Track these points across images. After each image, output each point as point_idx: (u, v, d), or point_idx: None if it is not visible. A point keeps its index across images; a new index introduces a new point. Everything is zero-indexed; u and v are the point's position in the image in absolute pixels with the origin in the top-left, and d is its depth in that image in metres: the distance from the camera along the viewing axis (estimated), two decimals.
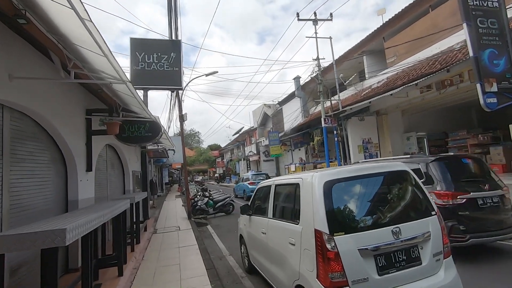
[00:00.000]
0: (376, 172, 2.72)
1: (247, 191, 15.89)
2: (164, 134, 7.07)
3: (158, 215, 11.89)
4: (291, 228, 2.86)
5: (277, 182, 3.59)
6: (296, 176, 3.08)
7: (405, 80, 10.59)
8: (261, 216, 3.91)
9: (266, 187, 4.03)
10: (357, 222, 2.47)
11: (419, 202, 2.73)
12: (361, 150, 13.74)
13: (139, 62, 7.52)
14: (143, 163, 10.48)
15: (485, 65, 6.99)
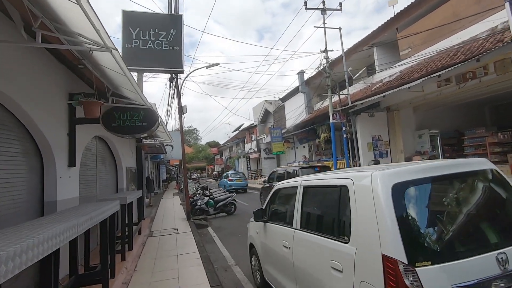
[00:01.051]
0: (462, 171, 1.93)
1: (226, 186, 19.64)
2: (161, 126, 6.25)
3: (155, 215, 11.09)
4: (335, 247, 2.07)
5: (307, 183, 2.78)
6: (339, 175, 2.29)
7: (422, 72, 9.82)
8: (283, 225, 3.12)
9: (289, 189, 3.24)
10: (447, 246, 1.68)
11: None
12: (370, 148, 12.98)
13: (133, 39, 6.59)
14: (138, 159, 9.65)
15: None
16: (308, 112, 19.74)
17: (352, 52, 14.77)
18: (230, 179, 20.39)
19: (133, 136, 4.87)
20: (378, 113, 13.28)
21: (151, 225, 8.92)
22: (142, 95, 4.37)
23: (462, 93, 10.85)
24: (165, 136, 9.33)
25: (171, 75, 9.93)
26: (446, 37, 10.31)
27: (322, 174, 2.69)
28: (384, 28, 12.99)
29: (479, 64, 8.64)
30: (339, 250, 2.02)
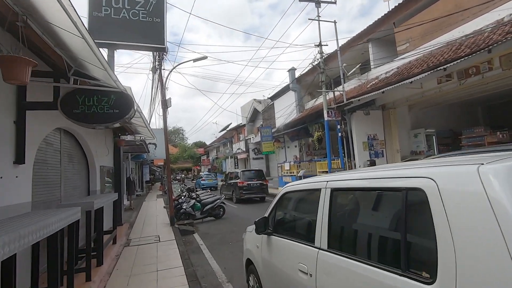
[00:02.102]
0: None
1: (200, 185, 23.48)
2: (140, 118, 5.33)
3: (135, 220, 10.04)
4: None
5: (338, 183, 1.98)
6: (402, 171, 1.51)
7: (423, 67, 9.31)
8: (297, 241, 2.31)
9: (306, 192, 2.45)
10: None
11: None
12: (366, 147, 12.43)
13: (103, 6, 5.51)
14: (116, 157, 8.62)
15: None
16: (299, 111, 19.11)
17: (346, 48, 14.23)
18: (203, 179, 26.10)
19: (102, 126, 3.94)
20: (373, 111, 12.76)
21: (130, 232, 7.92)
22: (113, 74, 3.48)
23: (461, 91, 10.45)
24: (146, 132, 8.36)
25: (153, 65, 8.97)
26: (446, 31, 9.87)
27: (364, 171, 1.89)
28: (380, 22, 12.50)
29: (483, 58, 8.21)
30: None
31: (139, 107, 4.98)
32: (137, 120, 6.35)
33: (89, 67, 3.54)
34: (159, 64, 8.88)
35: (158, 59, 8.89)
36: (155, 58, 8.82)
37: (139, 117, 5.87)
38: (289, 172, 16.98)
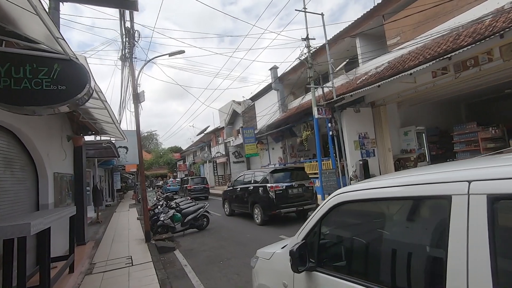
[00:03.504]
0: None
1: (166, 190, 25.79)
2: (101, 103, 4.06)
3: (102, 236, 8.52)
4: None
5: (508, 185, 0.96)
6: None
7: (420, 59, 8.79)
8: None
9: (402, 203, 1.44)
10: None
11: None
12: (357, 146, 11.77)
13: None
14: (77, 162, 7.14)
15: None
16: (282, 111, 18.28)
17: (332, 44, 13.58)
18: (168, 185, 29.49)
19: (42, 111, 2.65)
20: (363, 108, 12.19)
21: (94, 253, 6.47)
22: (57, 31, 2.27)
23: (452, 86, 10.11)
24: (115, 131, 6.99)
25: (122, 53, 7.62)
26: (440, 23, 9.44)
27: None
28: (369, 16, 11.98)
29: (483, 49, 7.81)
30: None
31: (94, 80, 3.72)
32: (101, 113, 5.04)
33: (19, 21, 2.30)
34: (130, 52, 7.56)
35: (128, 46, 7.57)
36: (125, 45, 7.49)
37: (103, 108, 4.59)
38: None
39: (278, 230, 7.61)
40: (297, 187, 8.75)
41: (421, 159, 11.60)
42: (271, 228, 8.00)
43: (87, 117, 5.84)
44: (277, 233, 7.24)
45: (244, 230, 8.19)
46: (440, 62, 7.73)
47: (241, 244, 6.63)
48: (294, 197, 8.63)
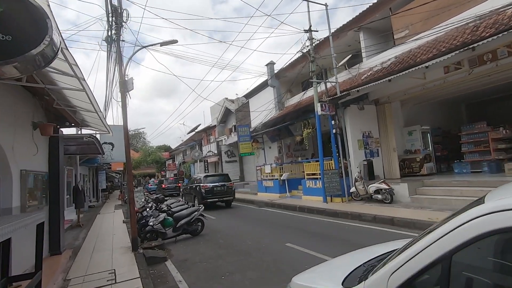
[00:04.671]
0: None
1: (148, 189, 29.83)
2: (74, 74, 3.17)
3: (82, 243, 7.53)
4: None
5: None
6: None
7: (435, 52, 8.20)
8: None
9: None
10: None
11: None
12: (361, 145, 11.14)
13: None
14: (53, 158, 6.16)
15: None
16: (279, 109, 17.54)
17: (333, 39, 12.91)
18: (150, 184, 33.95)
19: None
20: (367, 106, 11.58)
21: (71, 265, 5.52)
22: None
23: (464, 83, 9.58)
24: (97, 122, 6.04)
25: (108, 34, 6.67)
26: (453, 15, 8.88)
27: None
28: (375, 8, 11.35)
29: (506, 41, 7.25)
30: None
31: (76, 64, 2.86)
32: (80, 97, 4.13)
33: None
34: (117, 33, 6.62)
35: (115, 26, 6.63)
36: (111, 24, 6.55)
37: (81, 89, 3.68)
38: (270, 175, 15.25)
39: (283, 236, 6.83)
40: (221, 186, 13.42)
41: (428, 160, 11.06)
42: (273, 233, 7.21)
43: (63, 103, 4.90)
44: (282, 240, 6.45)
45: (244, 235, 7.37)
46: (460, 55, 7.16)
47: (243, 253, 5.81)
48: (218, 192, 13.28)
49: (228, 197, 13.49)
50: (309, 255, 5.27)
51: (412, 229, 6.37)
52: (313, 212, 9.74)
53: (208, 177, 13.84)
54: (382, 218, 7.31)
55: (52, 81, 3.76)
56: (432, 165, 11.22)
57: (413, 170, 11.16)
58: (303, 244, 5.98)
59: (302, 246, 5.80)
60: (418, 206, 8.13)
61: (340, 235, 6.58)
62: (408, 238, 1.73)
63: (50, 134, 4.68)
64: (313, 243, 6.00)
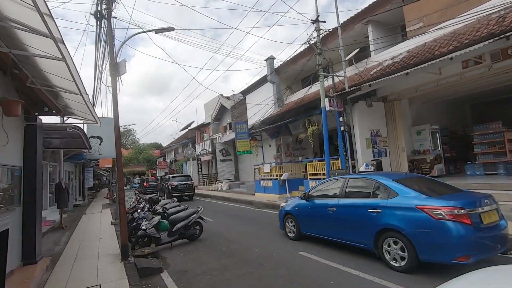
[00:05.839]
0: None
1: (132, 186, 31.42)
2: (48, 33, 2.34)
3: (64, 249, 6.60)
4: None
5: None
6: None
7: (456, 45, 7.61)
8: None
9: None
10: None
11: None
12: (369, 144, 10.50)
13: None
14: (28, 151, 5.24)
15: None
16: (278, 106, 16.79)
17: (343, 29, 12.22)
18: (135, 182, 35.06)
19: None
20: (375, 103, 10.95)
21: (48, 278, 4.62)
22: None
23: (481, 79, 9.03)
24: (82, 108, 5.15)
25: (97, 9, 5.77)
26: (473, 6, 8.31)
27: None
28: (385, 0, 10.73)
29: None
30: None
31: (51, 16, 2.04)
32: (59, 72, 3.29)
33: None
34: (108, 8, 5.74)
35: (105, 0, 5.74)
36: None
37: (60, 58, 2.83)
38: (269, 175, 14.50)
39: (293, 243, 6.07)
40: (183, 184, 17.82)
41: (438, 161, 10.51)
42: (281, 239, 6.45)
43: (39, 82, 4.01)
44: (293, 248, 5.70)
45: (248, 241, 6.59)
46: (486, 47, 6.53)
47: (252, 263, 5.02)
48: (181, 189, 17.60)
49: (189, 192, 17.88)
50: (331, 267, 4.53)
51: None
52: None
53: (175, 177, 18.83)
54: None
55: (19, 45, 2.90)
56: (443, 166, 10.69)
57: (423, 171, 10.59)
58: (319, 253, 5.24)
59: (319, 256, 5.07)
60: None
61: None
62: None
63: (17, 114, 3.76)
64: (330, 252, 5.27)
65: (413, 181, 4.81)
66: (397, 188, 4.43)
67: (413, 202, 4.09)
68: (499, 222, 4.04)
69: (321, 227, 5.63)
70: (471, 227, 3.68)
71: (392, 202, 4.33)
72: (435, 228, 3.79)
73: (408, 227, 4.00)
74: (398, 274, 4.05)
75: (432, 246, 3.82)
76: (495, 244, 3.89)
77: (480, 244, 3.76)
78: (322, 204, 5.59)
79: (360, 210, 4.73)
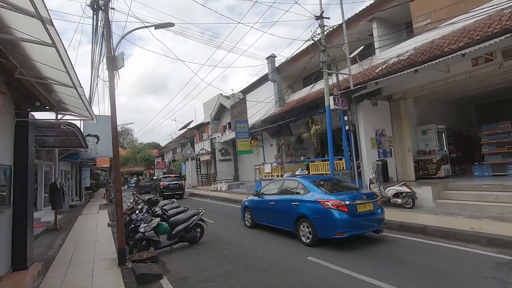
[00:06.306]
0: None
1: (131, 186, 30.44)
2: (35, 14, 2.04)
3: (57, 252, 6.26)
4: None
5: None
6: None
7: (467, 41, 7.35)
8: None
9: None
10: None
11: None
12: (374, 144, 10.24)
13: None
14: (20, 148, 4.92)
15: None
16: (279, 105, 16.50)
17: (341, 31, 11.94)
18: (131, 183, 35.54)
19: None
20: (380, 102, 10.68)
21: (39, 284, 4.30)
22: None
23: (490, 78, 8.78)
24: (77, 103, 4.83)
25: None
26: (484, 2, 8.06)
27: None
28: None
29: None
30: None
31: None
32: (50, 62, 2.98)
33: None
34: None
35: None
36: None
37: (50, 44, 2.52)
38: (270, 175, 14.21)
39: (300, 247, 5.78)
40: (174, 184, 19.16)
41: (445, 162, 10.26)
42: (286, 242, 6.16)
43: (29, 73, 3.68)
44: (300, 252, 5.41)
45: (251, 245, 6.28)
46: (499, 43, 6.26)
47: (257, 270, 4.72)
48: (172, 188, 18.92)
49: (179, 191, 19.32)
50: (343, 274, 4.24)
51: (452, 240, 5.46)
52: None
53: (166, 178, 20.29)
54: (411, 226, 6.37)
55: (4, 28, 2.59)
56: (449, 167, 10.43)
57: (429, 172, 10.34)
58: (328, 258, 4.95)
59: (329, 261, 4.77)
60: (446, 212, 7.24)
61: (367, 246, 5.58)
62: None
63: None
64: (339, 257, 4.99)
65: (323, 182, 6.61)
66: (310, 187, 6.22)
67: (316, 197, 5.87)
68: (375, 210, 5.75)
69: (266, 217, 7.36)
70: (347, 213, 5.40)
71: (305, 197, 6.11)
72: (325, 214, 5.53)
73: (311, 214, 5.76)
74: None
75: (323, 226, 5.55)
76: (369, 224, 5.66)
77: (354, 225, 5.43)
78: (267, 199, 7.31)
79: (287, 203, 6.46)
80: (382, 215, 5.86)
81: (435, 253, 4.90)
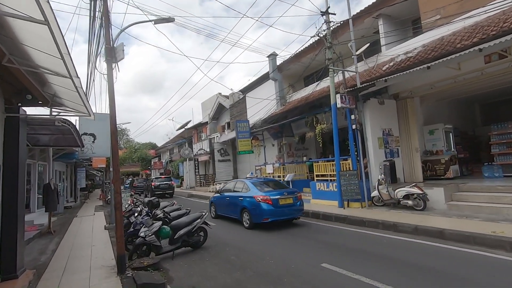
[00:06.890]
0: None
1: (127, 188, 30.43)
2: None
3: (51, 259, 5.84)
4: None
5: None
6: None
7: (480, 37, 7.08)
8: None
9: None
10: None
11: None
12: (381, 144, 9.94)
13: None
14: (9, 146, 4.51)
15: None
16: (281, 104, 16.17)
17: (346, 28, 11.61)
18: (126, 183, 33.89)
19: None
20: (387, 101, 10.40)
21: None
22: None
23: (502, 76, 8.55)
24: (73, 96, 4.44)
25: None
26: None
27: None
28: None
29: None
30: None
31: None
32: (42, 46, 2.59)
33: None
34: None
35: None
36: None
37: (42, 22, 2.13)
38: (271, 176, 13.85)
39: (311, 253, 5.44)
40: (164, 184, 21.16)
41: (453, 162, 9.99)
42: (295, 247, 5.81)
43: (19, 60, 3.29)
44: (314, 258, 5.05)
45: (259, 250, 5.92)
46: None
47: (269, 278, 4.36)
48: (163, 189, 20.77)
49: (169, 191, 21.25)
50: (363, 284, 3.89)
51: (472, 245, 5.15)
52: (330, 219, 8.41)
53: (157, 178, 22.49)
54: (426, 229, 6.05)
55: None
56: (457, 167, 10.17)
57: (437, 173, 10.07)
58: (344, 265, 4.60)
59: (345, 269, 4.42)
60: (461, 215, 6.94)
61: (384, 251, 5.24)
62: None
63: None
64: (355, 263, 4.65)
65: (261, 183, 8.69)
66: (251, 186, 8.36)
67: (252, 193, 7.98)
68: (294, 203, 7.87)
69: (224, 210, 9.50)
70: (272, 205, 7.50)
71: (247, 194, 8.22)
72: (256, 206, 7.64)
73: (249, 206, 7.86)
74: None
75: (256, 214, 7.62)
76: (288, 213, 7.77)
77: (276, 213, 7.49)
78: (224, 196, 9.47)
79: (236, 199, 8.56)
80: (300, 207, 8.03)
81: (460, 260, 4.58)
